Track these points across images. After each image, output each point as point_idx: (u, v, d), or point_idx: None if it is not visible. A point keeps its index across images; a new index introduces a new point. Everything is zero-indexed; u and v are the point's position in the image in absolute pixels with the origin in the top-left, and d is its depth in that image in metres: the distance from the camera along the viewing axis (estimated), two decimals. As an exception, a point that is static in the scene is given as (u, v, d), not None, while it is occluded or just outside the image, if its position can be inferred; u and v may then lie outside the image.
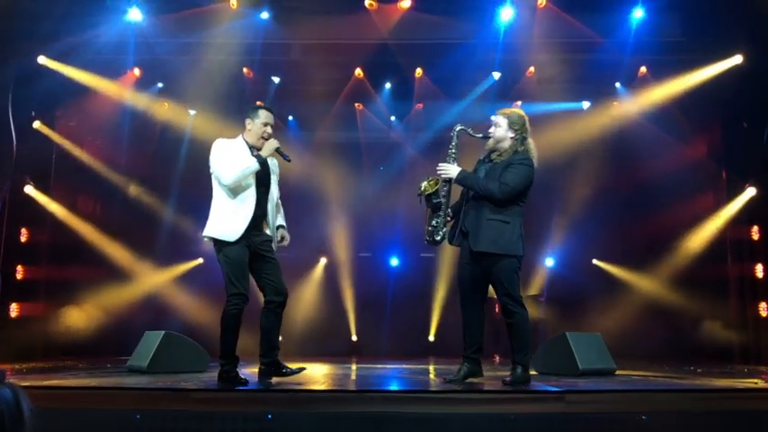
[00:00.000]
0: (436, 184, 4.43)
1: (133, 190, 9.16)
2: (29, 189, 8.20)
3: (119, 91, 8.56)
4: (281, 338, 9.70)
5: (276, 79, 9.15)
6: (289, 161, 4.57)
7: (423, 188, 4.43)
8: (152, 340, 5.52)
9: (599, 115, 9.39)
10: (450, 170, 4.39)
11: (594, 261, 9.72)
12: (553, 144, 9.68)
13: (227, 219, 4.37)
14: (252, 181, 4.42)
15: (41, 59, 7.86)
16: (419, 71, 9.04)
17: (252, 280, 4.54)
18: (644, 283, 9.03)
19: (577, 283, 9.30)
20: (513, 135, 4.40)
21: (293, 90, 9.38)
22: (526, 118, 4.47)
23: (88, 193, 9.16)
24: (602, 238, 9.29)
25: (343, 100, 9.48)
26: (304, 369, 4.58)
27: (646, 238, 9.11)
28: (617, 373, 5.49)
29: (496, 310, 8.72)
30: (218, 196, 4.43)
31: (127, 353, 5.95)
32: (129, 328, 7.80)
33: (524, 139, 4.41)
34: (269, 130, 4.49)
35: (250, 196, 4.40)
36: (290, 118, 9.99)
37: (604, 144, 9.28)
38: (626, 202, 9.26)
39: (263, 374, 4.50)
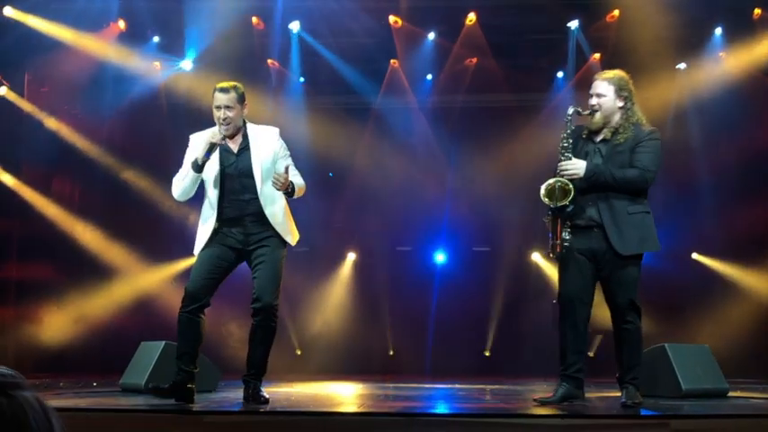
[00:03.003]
0: (566, 188, 4.36)
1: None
2: (-6, 170, 8.41)
3: (102, 48, 8.67)
4: (298, 352, 9.98)
5: (296, 26, 9.12)
6: (205, 161, 4.52)
7: (555, 198, 4.37)
8: (150, 353, 5.61)
9: (697, 69, 9.24)
10: (577, 167, 4.38)
11: (695, 255, 9.59)
12: (641, 107, 9.60)
13: (199, 229, 4.64)
14: (213, 182, 4.56)
15: (7, 11, 8.01)
16: (471, 17, 8.97)
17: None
18: (761, 283, 8.88)
19: (673, 283, 9.17)
20: (622, 104, 4.45)
21: (309, 45, 9.41)
22: (631, 81, 4.55)
23: (65, 175, 9.33)
24: (705, 225, 9.16)
25: (376, 55, 9.45)
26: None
27: (764, 225, 8.94)
28: (730, 395, 5.45)
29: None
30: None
31: (117, 368, 6.06)
32: (120, 338, 7.95)
33: (634, 105, 4.49)
34: (221, 114, 4.56)
35: (213, 199, 4.57)
36: (302, 80, 10.01)
37: (706, 105, 9.13)
38: (736, 178, 9.10)
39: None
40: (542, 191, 4.42)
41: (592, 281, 4.49)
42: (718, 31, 8.96)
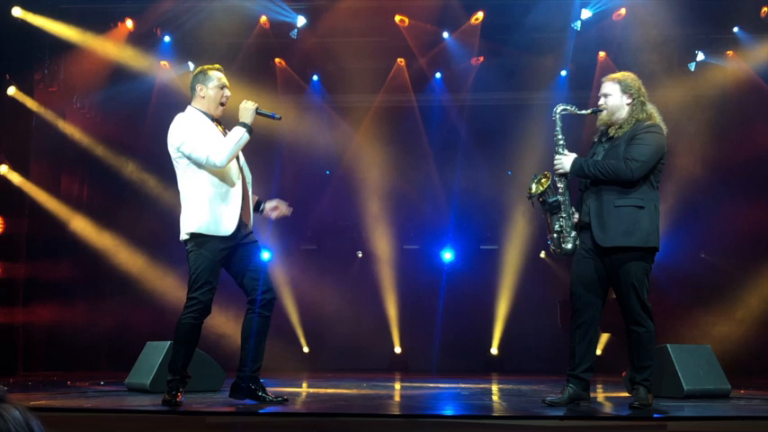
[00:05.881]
0: (547, 181, 4.50)
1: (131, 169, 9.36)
2: (2, 169, 8.48)
3: (110, 47, 8.75)
4: (306, 349, 10.05)
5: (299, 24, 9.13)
6: (279, 119, 4.64)
7: (532, 189, 4.52)
8: (155, 353, 5.67)
9: (710, 70, 9.23)
10: (563, 162, 4.49)
11: (703, 255, 9.59)
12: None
13: (218, 210, 4.42)
14: (234, 161, 4.52)
15: (16, 12, 8.10)
16: (479, 15, 8.99)
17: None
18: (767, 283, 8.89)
19: (681, 283, 9.20)
20: (629, 101, 4.52)
21: (319, 43, 9.44)
22: (640, 81, 4.59)
23: (73, 174, 9.41)
24: (714, 225, 9.17)
25: (383, 54, 9.48)
26: (286, 400, 4.64)
27: (770, 226, 8.95)
28: (732, 395, 5.47)
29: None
30: (199, 184, 4.43)
31: (124, 368, 6.14)
32: (127, 338, 8.03)
33: (643, 104, 4.52)
34: (227, 93, 4.58)
35: (237, 180, 4.49)
36: (315, 78, 10.07)
37: (717, 106, 9.12)
38: (746, 178, 9.10)
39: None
40: (531, 186, 4.54)
41: (600, 281, 4.49)
42: (736, 29, 8.94)
